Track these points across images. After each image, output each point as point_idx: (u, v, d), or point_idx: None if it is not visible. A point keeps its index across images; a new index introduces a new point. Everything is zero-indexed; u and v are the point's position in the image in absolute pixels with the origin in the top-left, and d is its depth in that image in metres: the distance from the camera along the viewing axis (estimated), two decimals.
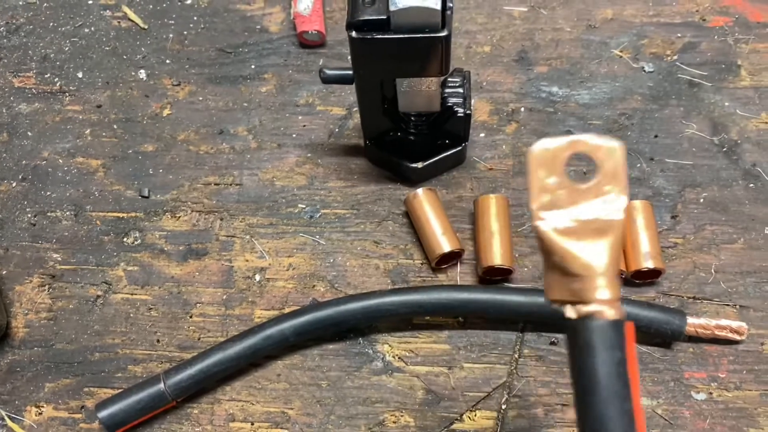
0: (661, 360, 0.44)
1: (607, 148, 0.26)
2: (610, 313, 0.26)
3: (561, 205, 0.26)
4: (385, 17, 0.40)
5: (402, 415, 0.43)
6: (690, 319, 0.43)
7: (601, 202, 0.26)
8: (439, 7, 0.39)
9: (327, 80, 0.47)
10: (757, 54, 0.54)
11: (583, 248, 0.26)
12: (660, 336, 0.44)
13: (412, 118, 0.49)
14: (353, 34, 0.40)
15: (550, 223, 0.26)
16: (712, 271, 0.47)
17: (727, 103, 0.52)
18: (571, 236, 0.26)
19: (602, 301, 0.26)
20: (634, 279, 0.46)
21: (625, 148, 0.26)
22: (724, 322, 0.44)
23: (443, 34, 0.40)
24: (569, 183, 0.26)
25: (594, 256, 0.26)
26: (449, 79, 0.48)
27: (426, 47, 0.41)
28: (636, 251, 0.45)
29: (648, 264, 0.45)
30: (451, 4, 0.40)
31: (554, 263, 0.26)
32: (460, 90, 0.48)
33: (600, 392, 0.25)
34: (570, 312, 0.26)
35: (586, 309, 0.26)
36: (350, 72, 0.46)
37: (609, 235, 0.26)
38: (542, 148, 0.26)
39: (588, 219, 0.26)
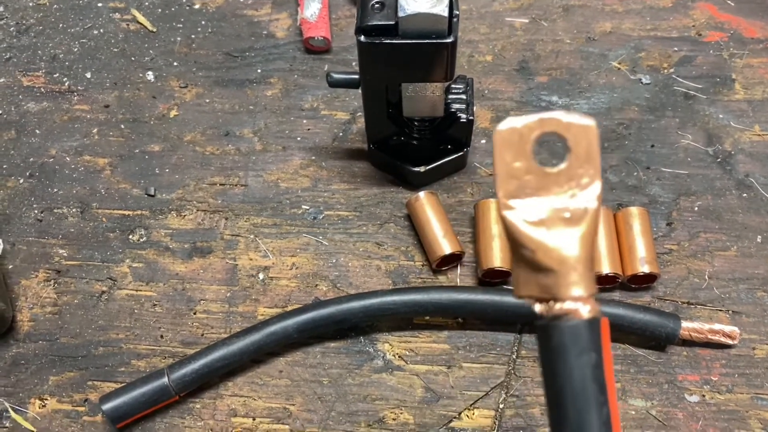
0: (655, 363, 0.45)
1: (580, 127, 0.24)
2: (585, 311, 0.23)
3: (530, 192, 0.24)
4: (393, 23, 0.41)
5: (401, 413, 0.44)
6: (684, 323, 0.44)
7: (573, 187, 0.23)
8: (446, 14, 0.40)
9: (334, 84, 0.48)
10: (751, 68, 0.56)
11: (554, 240, 0.23)
12: (655, 339, 0.45)
13: (416, 123, 0.50)
14: (362, 38, 0.42)
15: (518, 212, 0.24)
16: (706, 277, 0.48)
17: (721, 116, 0.54)
18: (542, 227, 0.23)
19: (576, 298, 0.23)
20: (630, 283, 0.47)
21: (597, 128, 0.24)
22: (717, 326, 0.45)
23: (449, 40, 0.41)
24: (539, 167, 0.24)
25: (567, 248, 0.23)
26: (453, 86, 0.49)
27: (432, 53, 0.42)
28: (632, 256, 0.46)
29: (644, 268, 0.46)
30: (457, 12, 0.42)
31: (523, 256, 0.24)
32: (464, 96, 0.49)
33: (576, 399, 0.23)
34: (541, 310, 0.24)
35: (558, 307, 0.23)
36: (356, 76, 0.47)
37: (583, 225, 0.23)
38: (509, 128, 0.24)
39: (560, 207, 0.23)
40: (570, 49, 0.58)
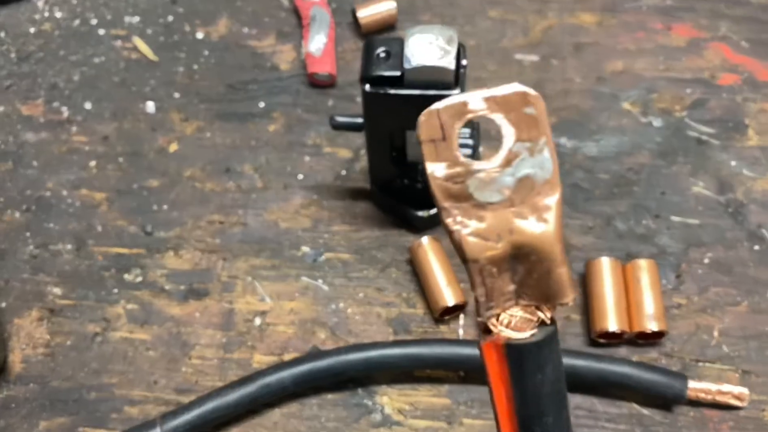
0: (661, 423, 0.44)
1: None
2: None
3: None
4: (399, 73, 0.40)
5: None
6: (691, 383, 0.43)
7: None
8: (452, 66, 0.39)
9: (337, 127, 0.47)
10: (765, 114, 0.54)
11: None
12: (661, 399, 0.44)
13: (420, 167, 0.49)
14: (367, 88, 0.41)
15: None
16: (715, 333, 0.46)
17: (733, 162, 0.53)
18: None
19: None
20: (637, 339, 0.46)
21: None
22: (725, 387, 0.44)
23: (456, 92, 0.40)
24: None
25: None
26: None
27: None
28: (640, 312, 0.45)
29: (652, 326, 0.45)
30: (464, 62, 0.41)
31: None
32: (470, 141, 0.48)
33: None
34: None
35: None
36: (360, 120, 0.46)
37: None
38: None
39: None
40: (580, 88, 0.56)
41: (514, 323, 0.22)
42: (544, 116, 0.22)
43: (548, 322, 0.22)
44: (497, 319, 0.22)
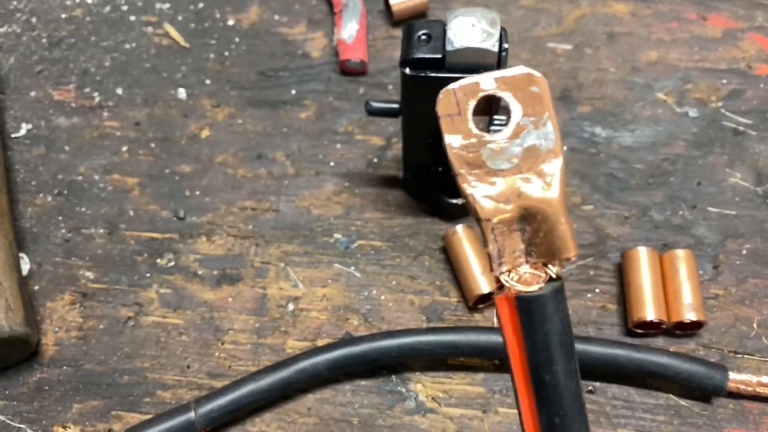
0: (699, 415, 0.43)
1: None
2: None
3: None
4: (440, 56, 0.40)
5: None
6: (732, 375, 0.43)
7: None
8: (496, 48, 0.39)
9: (372, 113, 0.47)
10: None
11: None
12: (700, 390, 0.43)
13: None
14: (407, 71, 0.40)
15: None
16: (754, 325, 0.46)
17: None
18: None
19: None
20: (675, 330, 0.45)
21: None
22: (766, 379, 0.43)
23: None
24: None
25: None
26: (495, 117, 0.48)
27: None
28: (678, 301, 0.45)
29: (690, 316, 0.44)
30: (506, 45, 0.40)
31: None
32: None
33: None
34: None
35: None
36: (396, 105, 0.46)
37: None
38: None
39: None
40: (614, 78, 0.56)
41: (524, 278, 0.24)
42: (548, 94, 0.24)
43: (555, 277, 0.24)
44: (509, 275, 0.24)
